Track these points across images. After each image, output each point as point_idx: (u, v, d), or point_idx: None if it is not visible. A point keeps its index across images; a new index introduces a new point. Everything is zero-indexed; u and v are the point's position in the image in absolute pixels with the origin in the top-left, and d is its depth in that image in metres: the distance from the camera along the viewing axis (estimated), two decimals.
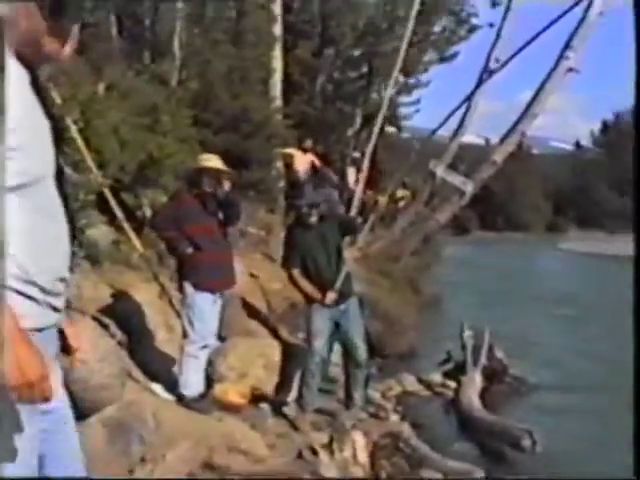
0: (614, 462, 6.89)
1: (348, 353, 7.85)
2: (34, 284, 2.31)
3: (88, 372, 5.38)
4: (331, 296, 7.50)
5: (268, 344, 8.56)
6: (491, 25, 21.51)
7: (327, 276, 7.57)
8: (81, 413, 5.40)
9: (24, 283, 2.27)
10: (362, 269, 14.21)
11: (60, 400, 2.68)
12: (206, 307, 6.80)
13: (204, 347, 6.90)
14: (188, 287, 6.81)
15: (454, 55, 27.23)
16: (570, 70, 16.06)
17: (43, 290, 2.34)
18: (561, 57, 16.01)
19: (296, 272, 7.64)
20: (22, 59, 2.29)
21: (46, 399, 2.25)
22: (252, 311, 10.03)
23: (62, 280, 2.47)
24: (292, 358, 8.21)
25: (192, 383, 6.82)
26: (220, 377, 7.62)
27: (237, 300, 9.82)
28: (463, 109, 16.99)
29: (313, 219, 7.65)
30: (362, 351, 7.81)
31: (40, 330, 2.37)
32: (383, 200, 8.49)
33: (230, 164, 7.53)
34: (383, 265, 15.60)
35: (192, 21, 17.38)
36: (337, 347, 8.05)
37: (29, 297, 2.30)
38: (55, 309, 2.44)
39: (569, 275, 31.74)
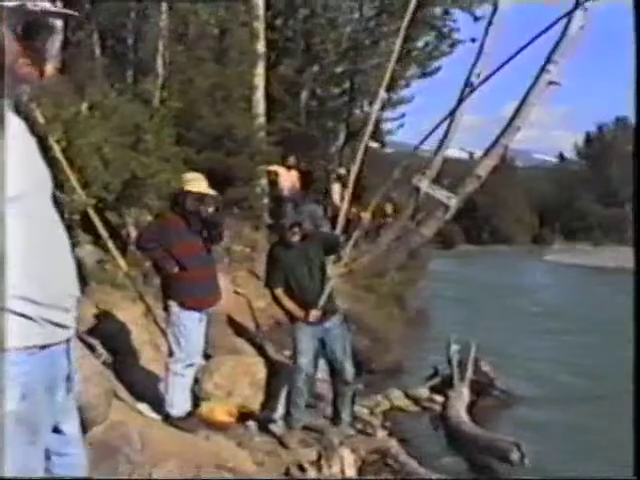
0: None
1: (334, 370, 7.86)
2: (26, 299, 2.28)
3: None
4: (314, 314, 7.52)
5: (254, 362, 8.55)
6: (473, 40, 21.67)
7: (310, 294, 7.58)
8: None
9: (17, 300, 2.26)
10: (347, 285, 14.23)
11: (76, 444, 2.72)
12: (192, 325, 6.78)
13: (190, 365, 6.87)
14: (174, 306, 6.80)
15: (436, 70, 27.36)
16: (551, 83, 16.18)
17: (38, 305, 2.31)
18: (542, 70, 16.13)
19: (279, 291, 7.67)
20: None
21: None
22: (238, 329, 10.03)
23: (68, 295, 2.46)
24: (278, 376, 8.20)
25: (178, 402, 6.79)
26: (206, 395, 7.62)
27: (223, 317, 9.82)
28: (446, 124, 17.08)
29: (295, 238, 7.68)
30: (348, 368, 7.82)
31: (42, 348, 2.35)
32: (367, 216, 8.48)
33: (214, 182, 7.53)
34: (368, 280, 15.63)
35: (175, 39, 17.39)
36: (322, 364, 8.04)
37: (21, 315, 2.27)
38: (59, 325, 2.41)
39: (555, 287, 31.83)
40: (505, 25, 16.93)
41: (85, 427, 5.55)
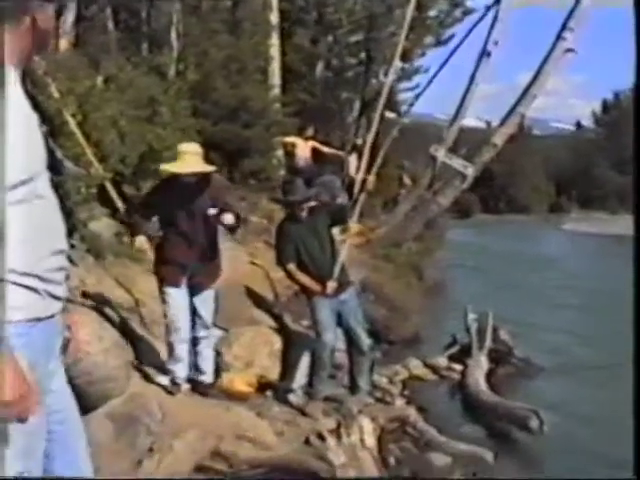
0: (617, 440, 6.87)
1: (351, 341, 7.87)
2: (32, 274, 2.34)
3: (92, 365, 5.39)
4: (332, 285, 7.50)
5: (272, 332, 8.56)
6: (487, 8, 21.42)
7: (324, 267, 7.57)
8: (87, 406, 5.41)
9: (21, 275, 2.31)
10: (365, 254, 14.22)
11: (65, 399, 2.76)
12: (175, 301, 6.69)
13: (182, 340, 6.72)
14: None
15: (450, 38, 27.07)
16: (568, 51, 16.05)
17: (41, 279, 2.38)
18: (558, 38, 15.99)
19: (292, 266, 7.63)
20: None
21: (22, 419, 2.27)
22: (256, 299, 10.02)
23: (61, 269, 2.51)
24: (297, 346, 8.21)
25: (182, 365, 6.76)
26: (226, 366, 7.63)
27: (241, 289, 9.83)
28: (462, 92, 16.99)
29: (303, 213, 7.65)
30: (364, 339, 7.85)
31: (40, 320, 2.40)
32: (371, 179, 8.40)
33: (230, 154, 7.49)
34: (386, 250, 15.61)
35: (189, 12, 17.32)
36: (339, 333, 8.04)
37: (28, 287, 2.34)
38: (55, 297, 2.48)
39: (572, 256, 31.69)
40: None
41: (105, 398, 5.59)
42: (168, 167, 6.91)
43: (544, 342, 12.23)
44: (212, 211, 6.59)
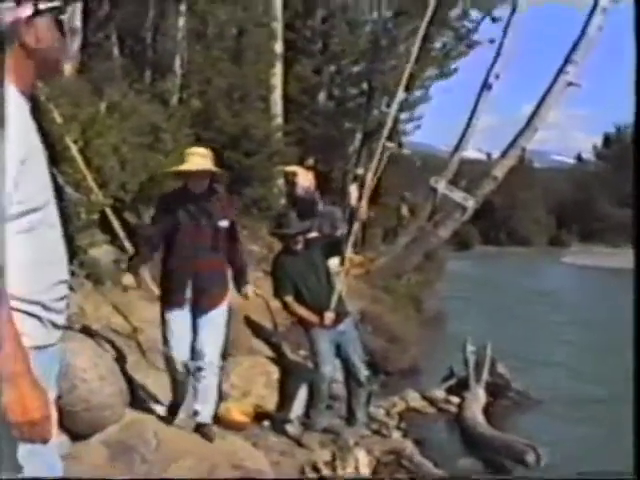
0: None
1: (349, 372, 7.88)
2: (38, 302, 2.36)
3: (89, 392, 5.38)
4: (329, 316, 7.55)
5: (270, 362, 8.56)
6: (492, 41, 21.59)
7: (321, 298, 7.62)
8: (83, 433, 5.41)
9: (28, 302, 2.33)
10: (364, 285, 14.23)
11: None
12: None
13: (187, 371, 6.28)
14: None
15: (454, 71, 27.23)
16: (570, 84, 16.14)
17: (46, 307, 2.40)
18: (561, 71, 16.09)
19: (290, 298, 7.68)
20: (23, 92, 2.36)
21: (45, 440, 2.28)
22: (255, 329, 10.02)
23: (63, 298, 2.52)
24: (294, 376, 8.21)
25: (184, 406, 6.42)
26: (223, 395, 7.62)
27: (240, 318, 9.83)
28: (463, 124, 17.08)
29: (300, 246, 7.71)
30: (362, 370, 7.90)
31: (40, 348, 2.41)
32: (364, 206, 8.46)
33: (232, 182, 7.49)
34: (385, 281, 15.61)
35: (193, 39, 17.43)
36: (337, 364, 8.04)
37: (32, 315, 2.36)
38: (56, 326, 2.49)
39: (572, 289, 31.66)
40: (523, 26, 16.92)
41: (101, 425, 5.58)
42: (175, 168, 6.65)
43: (542, 375, 12.21)
44: (224, 223, 6.28)
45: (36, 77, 2.44)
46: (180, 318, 6.21)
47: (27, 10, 2.31)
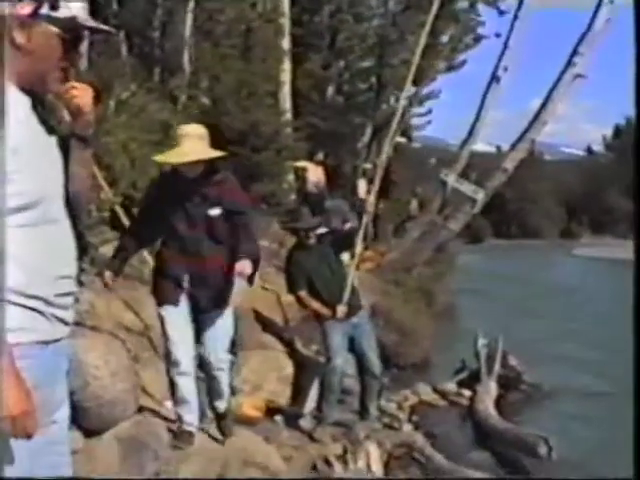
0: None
1: (362, 365, 7.87)
2: (37, 297, 2.36)
3: (101, 388, 5.39)
4: (342, 309, 7.53)
5: (281, 357, 8.56)
6: (497, 35, 21.55)
7: (335, 292, 7.60)
8: (95, 429, 5.43)
9: (26, 297, 2.33)
10: (376, 279, 14.20)
11: (65, 434, 2.73)
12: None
13: (183, 373, 5.66)
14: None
15: (462, 63, 27.17)
16: (578, 76, 16.09)
17: (47, 302, 2.40)
18: (569, 64, 16.04)
19: (304, 293, 7.68)
20: (23, 88, 2.35)
21: (29, 435, 2.28)
22: (266, 324, 10.02)
23: (69, 294, 2.52)
24: (306, 370, 8.22)
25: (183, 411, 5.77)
26: (234, 390, 7.62)
27: (250, 313, 9.83)
28: (472, 118, 17.07)
29: (312, 241, 7.73)
30: (376, 363, 7.87)
31: (46, 343, 2.42)
32: (372, 201, 8.48)
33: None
34: (396, 275, 15.59)
35: (202, 36, 17.44)
36: (350, 358, 8.04)
37: (34, 310, 2.36)
38: (63, 322, 2.50)
39: (583, 281, 31.54)
40: (530, 19, 16.89)
41: (113, 421, 5.59)
42: (164, 157, 5.74)
43: (553, 368, 12.17)
44: (215, 212, 5.46)
45: (36, 75, 2.42)
46: (176, 316, 5.57)
47: (26, 9, 2.30)
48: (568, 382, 11.37)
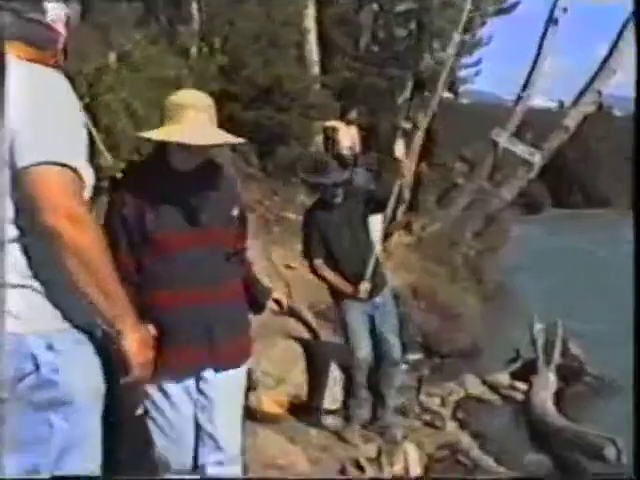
0: None
1: (381, 349, 7.59)
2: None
3: None
4: (365, 286, 7.24)
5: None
6: None
7: (356, 264, 7.31)
8: None
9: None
10: (415, 256, 14.18)
11: None
12: None
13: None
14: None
15: (514, 5, 26.83)
16: None
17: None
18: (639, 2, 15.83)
19: (319, 261, 7.39)
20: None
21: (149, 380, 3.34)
22: (290, 307, 10.01)
23: None
24: (320, 356, 8.12)
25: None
26: (253, 384, 7.62)
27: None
28: (528, 68, 16.91)
29: (338, 199, 7.38)
30: (397, 347, 7.60)
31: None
32: (408, 165, 8.23)
33: (263, 141, 7.31)
34: (440, 251, 15.53)
35: None
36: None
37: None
38: None
39: None
40: None
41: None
42: (160, 134, 4.01)
43: (621, 357, 12.09)
44: (235, 212, 4.19)
45: None
46: (179, 396, 4.03)
47: None
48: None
